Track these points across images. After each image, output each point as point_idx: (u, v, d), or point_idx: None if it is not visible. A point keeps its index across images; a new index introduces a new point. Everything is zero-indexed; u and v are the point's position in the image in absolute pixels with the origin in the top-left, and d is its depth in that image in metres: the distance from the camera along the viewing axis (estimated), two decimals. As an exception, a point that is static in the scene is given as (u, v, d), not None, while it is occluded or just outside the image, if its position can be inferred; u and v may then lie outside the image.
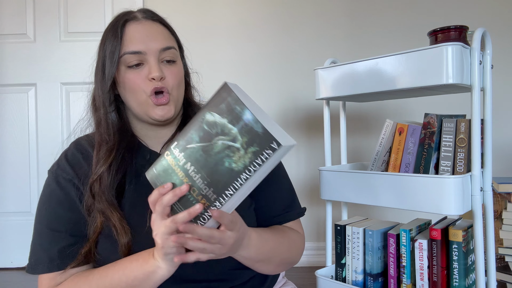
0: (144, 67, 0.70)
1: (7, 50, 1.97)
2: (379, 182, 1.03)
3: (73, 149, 0.76)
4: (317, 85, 1.19)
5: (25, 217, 1.98)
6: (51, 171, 0.74)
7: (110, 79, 0.71)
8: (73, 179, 0.71)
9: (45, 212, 0.71)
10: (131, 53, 0.69)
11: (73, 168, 0.72)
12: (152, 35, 0.71)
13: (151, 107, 0.70)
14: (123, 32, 0.70)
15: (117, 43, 0.69)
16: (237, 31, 1.93)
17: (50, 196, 0.72)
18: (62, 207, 0.70)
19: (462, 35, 1.01)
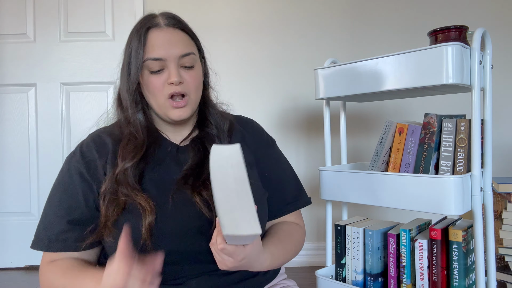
0: (165, 72, 0.75)
1: (7, 50, 1.97)
2: (379, 182, 1.03)
3: (89, 140, 0.81)
4: (317, 85, 1.19)
5: (25, 217, 1.98)
6: (67, 159, 0.80)
7: (135, 82, 0.77)
8: (81, 169, 0.76)
9: (52, 196, 0.77)
10: (153, 59, 0.74)
11: (84, 158, 0.77)
12: (172, 42, 0.75)
13: (170, 109, 0.77)
14: (146, 38, 0.75)
15: (140, 48, 0.75)
16: (237, 31, 1.93)
17: (60, 182, 0.77)
18: (67, 195, 0.75)
19: (462, 35, 1.01)
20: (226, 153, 0.57)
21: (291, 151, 1.92)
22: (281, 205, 0.88)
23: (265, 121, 1.92)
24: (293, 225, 0.88)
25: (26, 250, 1.98)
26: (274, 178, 0.88)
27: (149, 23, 0.77)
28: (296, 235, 0.86)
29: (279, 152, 0.94)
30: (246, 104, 1.92)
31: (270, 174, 0.88)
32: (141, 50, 0.75)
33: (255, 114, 1.91)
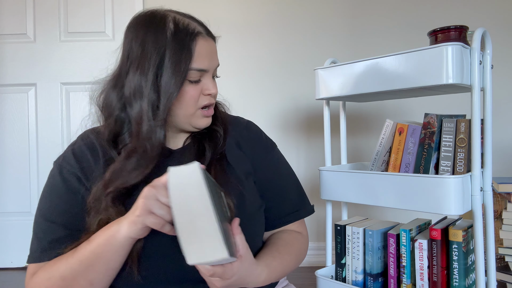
0: (200, 83, 0.72)
1: (7, 50, 1.97)
2: (379, 182, 1.03)
3: (80, 143, 0.76)
4: (317, 85, 1.19)
5: (25, 217, 1.98)
6: (57, 162, 0.75)
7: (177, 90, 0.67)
8: (77, 173, 0.71)
9: (44, 203, 0.72)
10: (198, 70, 0.69)
11: (79, 162, 0.72)
12: (213, 54, 0.73)
13: (199, 118, 0.73)
14: (194, 47, 0.69)
15: (187, 57, 0.67)
16: (236, 31, 1.93)
17: (51, 187, 0.73)
18: (61, 199, 0.70)
19: (462, 35, 1.01)
20: (185, 173, 0.53)
21: (291, 151, 1.92)
22: (282, 215, 0.83)
23: (265, 121, 1.92)
24: (294, 234, 0.83)
25: (26, 250, 1.98)
26: (274, 186, 0.83)
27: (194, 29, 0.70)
28: (296, 244, 0.81)
29: (279, 157, 0.88)
30: (246, 104, 1.92)
31: (270, 182, 0.82)
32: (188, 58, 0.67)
33: (255, 114, 1.91)
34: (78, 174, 0.71)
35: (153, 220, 0.57)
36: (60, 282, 0.62)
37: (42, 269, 0.67)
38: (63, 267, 0.63)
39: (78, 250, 0.64)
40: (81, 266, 0.62)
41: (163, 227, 0.58)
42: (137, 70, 0.68)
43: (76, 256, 0.63)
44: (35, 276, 0.67)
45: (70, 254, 0.65)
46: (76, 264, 0.62)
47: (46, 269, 0.66)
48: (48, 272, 0.65)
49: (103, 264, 0.62)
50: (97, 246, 0.61)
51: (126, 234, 0.59)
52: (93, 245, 0.62)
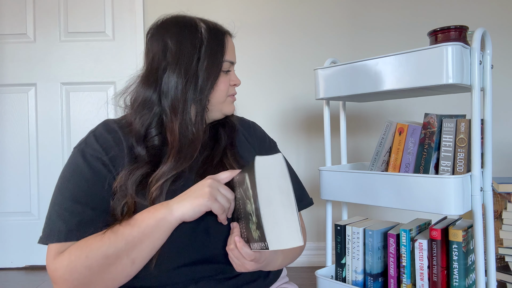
0: (229, 74, 0.82)
1: (7, 50, 1.97)
2: (379, 182, 1.03)
3: (101, 129, 0.78)
4: (317, 85, 1.19)
5: (25, 217, 1.98)
6: (78, 148, 0.76)
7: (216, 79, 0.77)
8: (102, 157, 0.73)
9: (67, 185, 0.72)
10: (230, 62, 0.81)
11: (102, 147, 0.74)
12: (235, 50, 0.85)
13: (228, 104, 0.83)
14: (224, 42, 0.80)
15: (221, 49, 0.78)
16: (237, 31, 1.92)
17: (74, 171, 0.73)
18: (86, 181, 0.71)
19: (462, 35, 1.01)
20: (269, 162, 0.57)
21: (291, 151, 1.93)
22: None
23: (265, 121, 1.92)
24: None
25: (26, 250, 1.98)
26: None
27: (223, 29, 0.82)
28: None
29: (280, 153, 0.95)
30: (246, 103, 1.92)
31: None
32: (222, 51, 0.78)
33: (255, 114, 1.91)
34: (102, 158, 0.73)
35: (217, 206, 0.64)
36: (102, 260, 0.64)
37: (73, 248, 0.66)
38: (105, 245, 0.65)
39: (122, 230, 0.65)
40: (128, 245, 0.64)
41: (223, 213, 0.66)
42: (177, 65, 0.75)
43: (122, 237, 0.65)
44: (63, 255, 0.66)
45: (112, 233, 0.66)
46: (122, 243, 0.64)
47: (81, 248, 0.66)
48: (83, 251, 0.65)
49: (149, 244, 0.65)
50: (146, 227, 0.64)
51: (180, 216, 0.64)
52: (142, 226, 0.65)
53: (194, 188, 0.66)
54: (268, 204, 0.54)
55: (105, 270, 0.65)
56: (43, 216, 1.98)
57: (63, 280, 0.65)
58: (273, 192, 0.55)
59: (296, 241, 0.53)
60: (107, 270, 0.65)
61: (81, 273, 0.64)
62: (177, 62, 0.74)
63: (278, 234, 0.53)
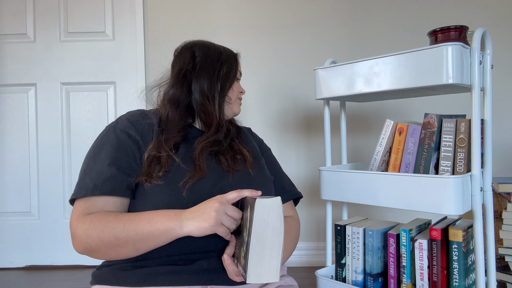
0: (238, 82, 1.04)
1: (7, 50, 1.97)
2: (379, 182, 1.03)
3: (133, 112, 0.94)
4: (317, 85, 1.19)
5: (25, 217, 1.98)
6: (109, 126, 0.90)
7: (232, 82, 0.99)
8: (129, 131, 0.87)
9: (97, 152, 0.84)
10: (240, 72, 1.05)
11: (131, 122, 0.89)
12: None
13: (237, 104, 1.02)
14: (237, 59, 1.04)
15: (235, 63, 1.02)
16: (236, 31, 1.93)
17: (104, 142, 0.86)
18: (115, 149, 0.84)
19: (462, 35, 1.01)
20: (269, 204, 0.63)
21: (291, 151, 1.93)
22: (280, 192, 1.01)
23: (265, 121, 1.92)
24: (289, 221, 0.98)
25: (26, 250, 1.98)
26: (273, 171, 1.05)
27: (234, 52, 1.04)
28: (293, 231, 0.96)
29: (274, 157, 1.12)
30: (246, 104, 1.92)
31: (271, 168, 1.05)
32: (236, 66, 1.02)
33: (255, 114, 1.91)
34: (131, 132, 0.87)
35: (223, 230, 0.71)
36: (113, 239, 0.74)
37: (95, 217, 0.76)
38: (119, 228, 0.74)
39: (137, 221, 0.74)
40: (137, 236, 0.73)
41: (228, 235, 0.73)
42: (205, 71, 0.96)
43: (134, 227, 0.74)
44: (86, 219, 0.76)
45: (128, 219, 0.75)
46: (133, 233, 0.73)
47: (100, 221, 0.75)
48: (102, 224, 0.75)
49: (154, 243, 0.74)
50: (156, 230, 0.73)
51: (187, 232, 0.72)
52: (153, 227, 0.73)
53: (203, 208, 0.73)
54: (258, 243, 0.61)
55: (112, 247, 0.74)
56: (43, 216, 1.98)
57: (79, 239, 0.75)
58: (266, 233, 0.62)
59: (272, 277, 0.61)
60: (114, 249, 0.74)
61: (94, 241, 0.74)
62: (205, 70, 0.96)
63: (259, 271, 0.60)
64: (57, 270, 1.93)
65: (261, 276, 0.60)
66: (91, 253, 0.77)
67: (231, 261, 0.72)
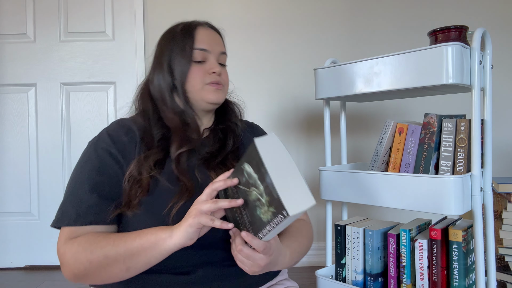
0: (206, 64, 0.85)
1: (7, 50, 1.97)
2: (379, 182, 1.03)
3: (114, 124, 0.86)
4: (317, 85, 1.19)
5: (25, 217, 1.98)
6: (92, 142, 0.83)
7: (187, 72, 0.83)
8: (111, 149, 0.79)
9: (80, 175, 0.78)
10: (199, 49, 0.84)
11: (112, 139, 0.81)
12: (215, 41, 0.87)
13: (208, 92, 0.84)
14: (194, 33, 0.85)
15: (189, 40, 0.84)
16: (236, 31, 1.93)
17: (86, 162, 0.80)
18: (96, 172, 0.78)
19: (462, 35, 1.01)
20: (268, 141, 0.61)
21: (291, 151, 1.93)
22: None
23: (265, 121, 1.92)
24: (300, 221, 0.91)
25: (26, 250, 1.98)
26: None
27: (196, 22, 0.87)
28: (305, 229, 0.90)
29: None
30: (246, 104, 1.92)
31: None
32: (190, 41, 0.83)
33: (256, 114, 1.91)
34: (112, 151, 0.79)
35: (205, 219, 0.65)
36: (102, 259, 0.69)
37: (83, 239, 0.72)
38: (109, 246, 0.70)
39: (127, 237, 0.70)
40: (126, 253, 0.69)
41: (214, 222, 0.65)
42: (157, 64, 0.86)
43: (124, 243, 0.70)
44: (72, 242, 0.72)
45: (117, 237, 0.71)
46: (123, 249, 0.69)
47: (89, 242, 0.71)
48: (91, 246, 0.70)
49: (145, 259, 0.69)
50: (146, 242, 0.69)
51: (177, 241, 0.67)
52: (143, 239, 0.69)
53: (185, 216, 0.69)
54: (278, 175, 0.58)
55: (103, 268, 0.69)
56: (43, 216, 1.98)
57: (68, 264, 0.71)
58: (278, 165, 0.59)
59: (309, 201, 0.57)
60: (104, 269, 0.70)
61: (83, 264, 0.69)
62: (157, 63, 0.86)
63: (293, 199, 0.56)
64: (57, 270, 1.93)
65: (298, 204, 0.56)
66: (82, 278, 0.72)
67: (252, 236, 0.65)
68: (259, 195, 0.60)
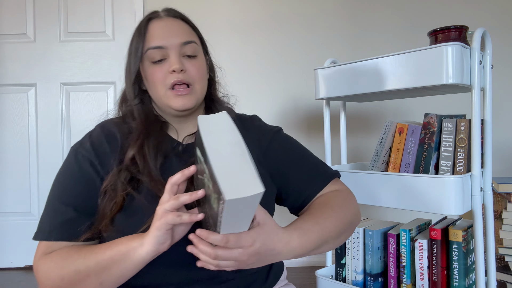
0: (166, 62, 0.74)
1: (7, 50, 1.97)
2: (379, 182, 1.03)
3: (98, 130, 0.79)
4: (317, 85, 1.19)
5: (25, 217, 1.98)
6: (73, 148, 0.77)
7: (134, 73, 0.76)
8: (91, 158, 0.73)
9: (57, 185, 0.74)
10: (154, 48, 0.74)
11: (94, 147, 0.75)
12: (172, 31, 0.75)
13: (172, 98, 0.74)
14: (147, 29, 0.75)
15: (141, 39, 0.75)
16: (237, 31, 1.92)
17: (65, 171, 0.75)
18: (74, 181, 0.72)
19: (462, 35, 1.01)
20: (214, 120, 0.54)
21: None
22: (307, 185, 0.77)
23: (266, 121, 1.92)
24: (329, 194, 0.77)
25: (26, 250, 1.98)
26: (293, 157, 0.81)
27: (150, 15, 0.78)
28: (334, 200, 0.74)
29: (287, 135, 0.88)
30: (246, 104, 1.92)
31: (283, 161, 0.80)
32: (141, 41, 0.75)
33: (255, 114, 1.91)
34: (93, 160, 0.73)
35: (172, 216, 0.57)
36: (73, 274, 0.64)
37: (56, 253, 0.68)
38: (79, 261, 0.65)
39: (98, 249, 0.65)
40: (97, 266, 0.63)
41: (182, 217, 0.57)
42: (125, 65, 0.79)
43: (95, 256, 0.64)
44: (47, 258, 0.68)
45: (88, 251, 0.66)
46: (93, 263, 0.64)
47: (61, 256, 0.67)
48: (62, 261, 0.66)
49: (117, 271, 0.63)
50: (116, 253, 0.63)
51: (149, 248, 0.60)
52: (113, 250, 0.63)
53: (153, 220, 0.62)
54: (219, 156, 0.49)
55: (75, 284, 0.64)
56: (43, 216, 1.98)
57: (41, 281, 0.67)
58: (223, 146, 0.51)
59: (255, 187, 0.47)
60: (77, 286, 0.64)
61: (55, 282, 0.65)
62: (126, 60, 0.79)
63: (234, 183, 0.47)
64: (57, 270, 1.93)
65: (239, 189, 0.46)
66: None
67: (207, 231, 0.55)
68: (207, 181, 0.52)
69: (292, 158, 0.82)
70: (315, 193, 0.77)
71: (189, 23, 0.82)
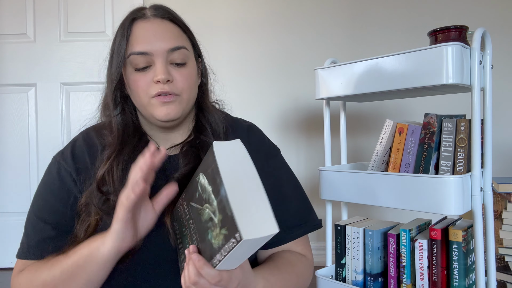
0: (151, 70, 0.66)
1: (7, 50, 1.97)
2: (379, 182, 1.03)
3: (81, 140, 0.75)
4: (317, 85, 1.19)
5: (25, 217, 1.98)
6: (55, 158, 0.74)
7: (116, 79, 0.68)
8: (72, 173, 0.70)
9: (37, 199, 0.71)
10: (137, 53, 0.66)
11: (75, 161, 0.71)
12: (159, 35, 0.67)
13: (156, 107, 0.67)
14: (130, 31, 0.67)
15: (123, 42, 0.66)
16: (236, 31, 1.92)
17: (46, 183, 0.72)
18: (54, 197, 0.69)
19: (462, 35, 1.01)
20: (230, 148, 0.51)
21: (291, 151, 1.92)
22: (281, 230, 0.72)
23: (265, 122, 1.92)
24: (297, 255, 0.76)
25: (26, 250, 1.98)
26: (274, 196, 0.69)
27: (135, 14, 0.69)
28: (299, 266, 0.74)
29: (282, 165, 0.82)
30: (246, 104, 1.92)
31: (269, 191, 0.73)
32: (124, 43, 0.66)
33: (255, 115, 1.91)
34: (73, 175, 0.70)
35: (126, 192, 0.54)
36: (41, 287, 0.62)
37: (27, 270, 0.66)
38: (45, 273, 0.62)
39: (62, 258, 0.62)
40: (62, 276, 0.60)
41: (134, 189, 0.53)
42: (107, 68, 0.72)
43: (59, 265, 0.61)
44: (20, 275, 0.67)
45: (54, 261, 0.63)
46: (58, 273, 0.61)
47: (31, 272, 0.65)
48: (32, 275, 0.64)
49: (84, 276, 0.60)
50: (80, 258, 0.60)
51: (110, 245, 0.57)
52: (76, 256, 0.60)
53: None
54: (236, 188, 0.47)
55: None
56: (43, 216, 1.98)
57: None
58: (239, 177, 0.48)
59: (271, 228, 0.46)
60: None
61: None
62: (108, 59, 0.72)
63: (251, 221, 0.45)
64: (57, 270, 1.92)
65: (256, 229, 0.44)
66: None
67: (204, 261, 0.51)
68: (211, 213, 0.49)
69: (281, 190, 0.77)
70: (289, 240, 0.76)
71: (179, 24, 0.73)
